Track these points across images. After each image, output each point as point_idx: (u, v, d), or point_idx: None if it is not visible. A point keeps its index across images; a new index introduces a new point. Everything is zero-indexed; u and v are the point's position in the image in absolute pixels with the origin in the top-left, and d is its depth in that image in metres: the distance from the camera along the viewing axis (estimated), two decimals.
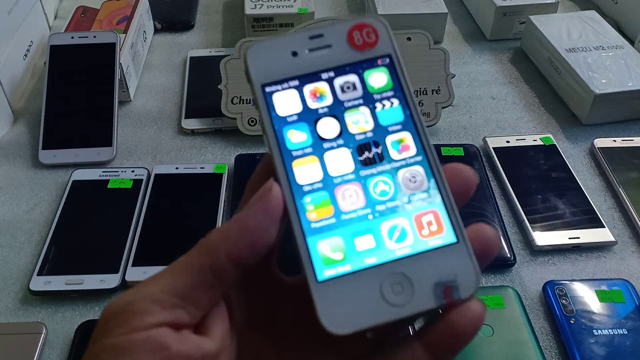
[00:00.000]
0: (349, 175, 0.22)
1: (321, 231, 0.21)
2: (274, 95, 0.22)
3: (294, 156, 0.22)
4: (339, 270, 0.21)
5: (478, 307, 0.21)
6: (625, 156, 0.58)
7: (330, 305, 0.20)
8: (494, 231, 0.22)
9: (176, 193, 0.53)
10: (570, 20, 0.71)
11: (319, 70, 0.23)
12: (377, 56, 0.23)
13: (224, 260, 0.20)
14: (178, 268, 0.21)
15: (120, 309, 0.20)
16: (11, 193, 0.54)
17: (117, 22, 0.67)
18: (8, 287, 0.46)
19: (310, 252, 0.21)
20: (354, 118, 0.23)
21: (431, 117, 0.60)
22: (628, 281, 0.46)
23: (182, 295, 0.20)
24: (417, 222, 0.22)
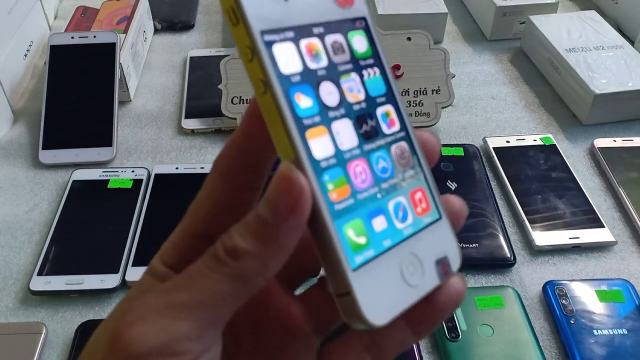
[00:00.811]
0: (356, 150, 0.20)
1: (344, 213, 0.19)
2: (274, 47, 0.19)
3: (305, 125, 0.19)
4: (365, 255, 0.19)
5: (459, 283, 0.21)
6: (625, 156, 0.58)
7: (367, 294, 0.18)
8: (461, 202, 0.22)
9: (176, 193, 0.53)
10: (570, 20, 0.71)
11: (311, 23, 0.20)
12: (356, 17, 0.21)
13: (262, 285, 0.19)
14: (209, 301, 0.18)
15: (156, 350, 0.18)
16: (11, 193, 0.54)
17: (117, 22, 0.67)
18: (8, 287, 0.46)
19: (341, 238, 0.19)
20: (349, 85, 0.20)
21: (431, 117, 0.60)
22: (628, 281, 0.46)
23: (215, 327, 0.19)
24: (412, 200, 0.21)
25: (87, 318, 0.44)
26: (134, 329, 0.18)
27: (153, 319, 0.18)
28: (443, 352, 0.41)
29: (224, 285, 0.18)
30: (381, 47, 0.22)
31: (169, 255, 0.21)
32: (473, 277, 0.47)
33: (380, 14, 0.71)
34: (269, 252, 0.18)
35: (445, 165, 0.56)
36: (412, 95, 0.60)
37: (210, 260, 0.19)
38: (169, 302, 0.18)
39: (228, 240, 0.18)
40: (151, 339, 0.18)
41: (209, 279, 0.18)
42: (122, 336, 0.18)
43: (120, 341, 0.18)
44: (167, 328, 0.18)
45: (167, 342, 0.18)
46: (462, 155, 0.57)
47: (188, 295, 0.18)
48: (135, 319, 0.18)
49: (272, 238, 0.18)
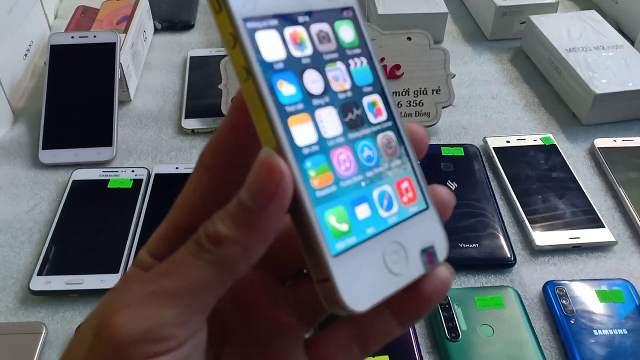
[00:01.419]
0: (340, 138, 0.20)
1: (326, 200, 0.19)
2: (257, 34, 0.19)
3: (288, 112, 0.19)
4: (347, 242, 0.19)
5: (445, 273, 0.21)
6: (625, 156, 0.58)
7: (347, 281, 0.19)
8: (448, 192, 0.22)
9: (176, 193, 0.52)
10: (570, 20, 0.70)
11: (296, 12, 0.20)
12: (343, 7, 0.21)
13: (244, 271, 0.19)
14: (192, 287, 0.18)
15: (140, 337, 0.18)
16: (11, 193, 0.54)
17: (118, 22, 0.67)
18: (8, 287, 0.46)
19: (322, 224, 0.19)
20: (334, 74, 0.20)
21: (431, 116, 0.60)
22: (628, 281, 0.46)
23: (199, 313, 0.19)
24: (398, 189, 0.21)
25: None
26: (118, 317, 0.18)
27: (137, 306, 0.18)
28: (443, 352, 0.41)
29: (207, 272, 0.18)
30: (369, 37, 0.22)
31: (156, 247, 0.22)
32: (473, 277, 0.47)
33: (380, 13, 0.71)
34: (251, 238, 0.18)
35: (446, 165, 0.56)
36: (412, 95, 0.60)
37: (193, 247, 0.19)
38: (152, 289, 0.18)
39: (210, 227, 0.19)
40: (135, 326, 0.18)
41: (192, 266, 0.18)
42: (107, 325, 0.18)
43: (105, 329, 0.18)
44: (151, 315, 0.18)
45: (151, 329, 0.18)
46: (462, 155, 0.57)
47: (171, 282, 0.18)
48: (120, 308, 0.18)
49: (253, 224, 0.18)
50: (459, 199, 0.53)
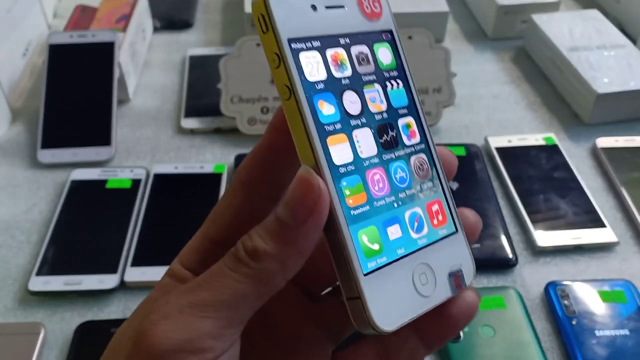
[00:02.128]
0: (375, 159, 0.21)
1: (360, 219, 0.20)
2: (300, 55, 0.20)
3: (327, 132, 0.20)
4: (378, 262, 0.20)
5: (472, 297, 0.21)
6: (627, 156, 0.57)
7: (377, 300, 0.19)
8: (476, 216, 0.23)
9: (175, 193, 0.52)
10: (572, 19, 0.70)
11: (337, 34, 0.21)
12: (382, 30, 0.22)
13: (281, 286, 0.19)
14: (230, 299, 0.19)
15: (179, 347, 0.18)
16: (10, 192, 0.54)
17: (117, 21, 0.67)
18: (6, 287, 0.46)
19: (355, 243, 0.19)
20: (372, 95, 0.21)
21: (432, 116, 0.60)
22: (630, 282, 0.46)
23: (236, 326, 0.19)
24: (429, 212, 0.22)
25: (85, 318, 0.43)
26: (158, 327, 0.18)
27: (176, 317, 0.18)
28: (444, 353, 0.41)
29: (245, 285, 0.19)
30: (406, 60, 0.23)
31: (189, 259, 0.22)
32: (474, 277, 0.47)
33: None
34: (287, 253, 0.19)
35: None
36: None
37: (231, 260, 0.19)
38: (191, 300, 0.19)
39: (248, 242, 0.19)
40: (174, 336, 0.18)
41: (230, 279, 0.19)
42: (147, 334, 0.18)
43: (144, 339, 0.18)
44: (190, 326, 0.18)
45: (190, 340, 0.18)
46: (463, 155, 0.56)
47: (210, 294, 0.19)
48: (159, 318, 0.18)
49: (290, 240, 0.18)
50: (459, 198, 0.53)
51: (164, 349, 0.18)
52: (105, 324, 0.43)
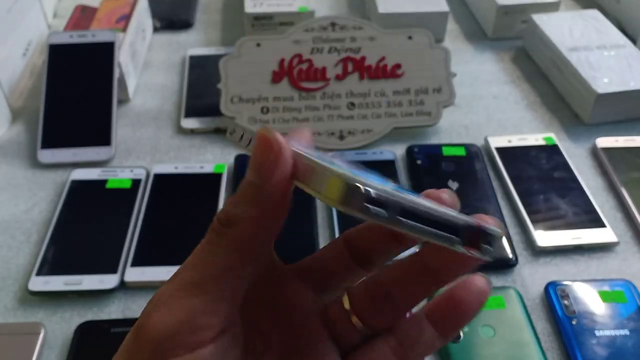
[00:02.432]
0: None
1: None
2: None
3: None
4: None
5: (482, 282, 0.21)
6: (627, 156, 0.57)
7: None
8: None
9: (175, 193, 0.52)
10: (572, 19, 0.70)
11: None
12: None
13: (264, 250, 0.19)
14: (215, 272, 0.19)
15: (176, 329, 0.18)
16: (10, 192, 0.54)
17: (117, 21, 0.67)
18: (7, 287, 0.46)
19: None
20: None
21: (432, 116, 0.60)
22: (630, 282, 0.46)
23: (229, 300, 0.19)
24: None
25: (85, 318, 0.43)
26: (152, 317, 0.18)
27: (168, 302, 0.19)
28: (444, 353, 0.41)
29: (226, 256, 0.19)
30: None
31: None
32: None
33: (381, 12, 0.71)
34: (260, 212, 0.19)
35: (447, 165, 0.55)
36: (413, 94, 0.60)
37: (209, 235, 0.19)
38: (179, 283, 0.19)
39: (221, 212, 0.19)
40: (169, 320, 0.18)
41: (210, 253, 0.19)
42: (144, 326, 0.18)
43: (143, 331, 0.18)
44: (181, 307, 0.18)
45: (184, 321, 0.18)
46: (463, 155, 0.56)
47: (195, 272, 0.19)
48: (153, 308, 0.19)
49: (261, 198, 0.18)
50: (460, 198, 0.53)
51: (162, 335, 0.18)
52: (105, 324, 0.43)
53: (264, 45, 0.61)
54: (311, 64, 0.60)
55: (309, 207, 0.51)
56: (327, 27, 0.62)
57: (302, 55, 0.61)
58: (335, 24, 0.62)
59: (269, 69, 0.60)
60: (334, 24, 0.62)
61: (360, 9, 0.80)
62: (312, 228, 0.49)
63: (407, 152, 0.58)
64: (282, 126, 0.58)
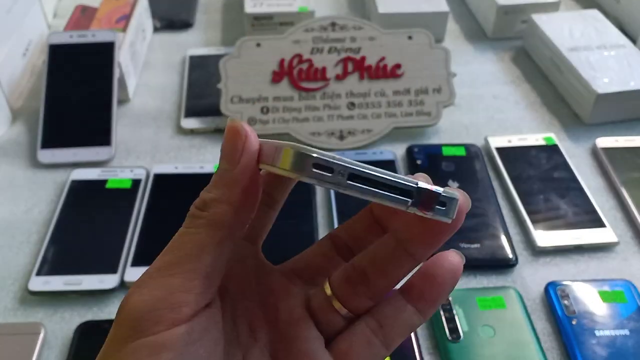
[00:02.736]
0: None
1: None
2: None
3: None
4: None
5: (455, 257, 0.21)
6: (627, 156, 0.57)
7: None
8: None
9: (175, 193, 0.52)
10: (572, 19, 0.70)
11: None
12: None
13: (238, 229, 0.21)
14: (191, 252, 0.20)
15: (154, 306, 0.19)
16: (10, 193, 0.54)
17: (117, 21, 0.67)
18: (7, 287, 0.46)
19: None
20: None
21: (432, 116, 0.60)
22: (630, 282, 0.46)
23: (206, 279, 0.20)
24: None
25: (85, 318, 0.43)
26: (132, 296, 0.20)
27: (147, 282, 0.20)
28: (444, 353, 0.41)
29: (201, 235, 0.20)
30: None
31: None
32: (475, 277, 0.47)
33: (381, 12, 0.71)
34: (232, 193, 0.20)
35: (447, 165, 0.55)
36: (413, 95, 0.60)
37: (186, 221, 0.21)
38: (158, 265, 0.20)
39: (197, 199, 0.21)
40: (147, 298, 0.19)
41: (186, 235, 0.21)
42: (124, 305, 0.20)
43: (122, 311, 0.20)
44: (161, 286, 0.19)
45: (163, 297, 0.19)
46: (463, 155, 0.56)
47: (173, 254, 0.20)
48: (132, 289, 0.20)
49: (232, 181, 0.20)
50: None
51: (140, 311, 0.19)
52: (105, 324, 0.43)
53: (264, 45, 0.61)
54: (311, 64, 0.60)
55: (309, 207, 0.51)
56: (327, 27, 0.62)
57: (302, 55, 0.61)
58: (335, 24, 0.62)
59: (269, 69, 0.60)
60: (334, 24, 0.62)
61: (360, 9, 0.80)
62: (312, 228, 0.49)
63: (407, 152, 0.58)
64: (282, 126, 0.58)
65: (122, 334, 0.19)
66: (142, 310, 0.19)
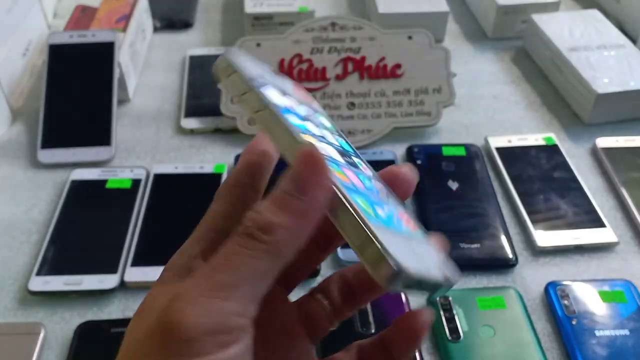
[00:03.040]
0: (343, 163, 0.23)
1: (352, 191, 0.21)
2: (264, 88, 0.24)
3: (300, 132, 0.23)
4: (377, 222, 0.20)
5: (428, 314, 0.23)
6: (627, 156, 0.57)
7: (390, 244, 0.19)
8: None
9: (175, 193, 0.52)
10: (572, 19, 0.70)
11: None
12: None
13: (291, 258, 0.20)
14: (249, 277, 0.20)
15: (211, 330, 0.19)
16: (10, 193, 0.54)
17: (117, 21, 0.67)
18: (7, 287, 0.46)
19: (356, 203, 0.21)
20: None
21: (432, 116, 0.60)
22: (630, 282, 0.46)
23: (255, 301, 0.20)
24: (402, 216, 0.24)
25: (85, 319, 0.43)
26: (186, 314, 0.19)
27: (202, 302, 0.19)
28: (444, 353, 0.41)
29: (262, 261, 0.19)
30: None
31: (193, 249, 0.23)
32: (474, 277, 0.47)
33: (381, 12, 0.71)
34: (299, 224, 0.20)
35: (447, 165, 0.55)
36: (413, 95, 0.60)
37: (243, 239, 0.20)
38: (212, 284, 0.19)
39: (259, 217, 0.20)
40: (205, 320, 0.19)
41: (246, 257, 0.19)
42: (176, 322, 0.19)
43: (175, 327, 0.19)
44: (218, 309, 0.19)
45: (220, 321, 0.19)
46: (463, 155, 0.56)
47: (229, 276, 0.19)
48: (185, 305, 0.19)
49: (302, 212, 0.20)
50: (460, 199, 0.53)
51: (196, 332, 0.18)
52: (105, 324, 0.43)
53: (264, 45, 0.61)
54: (311, 64, 0.60)
55: None
56: (327, 27, 0.62)
57: (302, 55, 0.61)
58: (335, 24, 0.62)
59: None
60: (334, 24, 0.62)
61: (360, 9, 0.80)
62: None
63: (407, 152, 0.58)
64: None
65: (172, 351, 0.19)
66: (198, 331, 0.18)
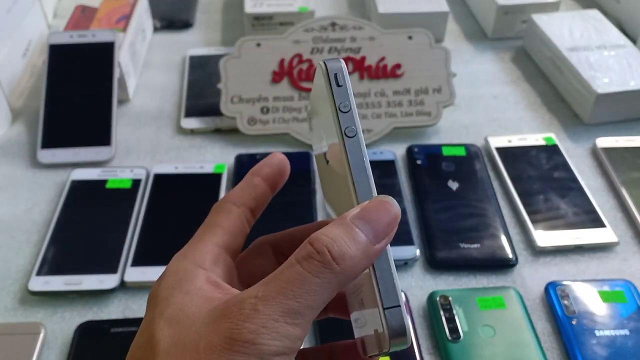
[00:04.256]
0: None
1: None
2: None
3: None
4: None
5: None
6: (627, 156, 0.57)
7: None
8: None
9: (175, 193, 0.52)
10: (572, 19, 0.70)
11: None
12: None
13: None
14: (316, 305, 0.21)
15: (282, 352, 0.21)
16: (10, 193, 0.54)
17: (117, 21, 0.67)
18: (7, 287, 0.46)
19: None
20: None
21: (432, 116, 0.60)
22: (630, 282, 0.46)
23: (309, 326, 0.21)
24: None
25: (85, 318, 0.43)
26: (262, 337, 0.20)
27: (274, 327, 0.20)
28: (444, 353, 0.41)
29: (329, 290, 0.21)
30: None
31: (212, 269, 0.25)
32: (475, 277, 0.47)
33: (381, 12, 0.71)
34: (362, 265, 0.21)
35: (447, 165, 0.55)
36: (413, 95, 0.60)
37: (313, 266, 0.21)
38: (283, 310, 0.20)
39: (335, 248, 0.21)
40: (277, 344, 0.20)
41: (315, 285, 0.21)
42: (250, 342, 0.20)
43: (249, 346, 0.20)
44: (287, 334, 0.20)
45: (290, 346, 0.20)
46: (463, 155, 0.56)
47: (300, 303, 0.21)
48: (258, 327, 0.20)
49: (369, 254, 0.21)
50: (460, 198, 0.53)
51: (270, 354, 0.20)
52: (105, 324, 0.43)
53: (264, 45, 0.61)
54: (311, 64, 0.60)
55: (309, 207, 0.51)
56: (327, 27, 0.62)
57: (302, 55, 0.61)
58: (335, 24, 0.62)
59: (269, 69, 0.60)
60: (334, 24, 0.62)
61: (360, 9, 0.80)
62: None
63: (407, 152, 0.58)
64: (282, 126, 0.58)
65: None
66: (270, 353, 0.20)
